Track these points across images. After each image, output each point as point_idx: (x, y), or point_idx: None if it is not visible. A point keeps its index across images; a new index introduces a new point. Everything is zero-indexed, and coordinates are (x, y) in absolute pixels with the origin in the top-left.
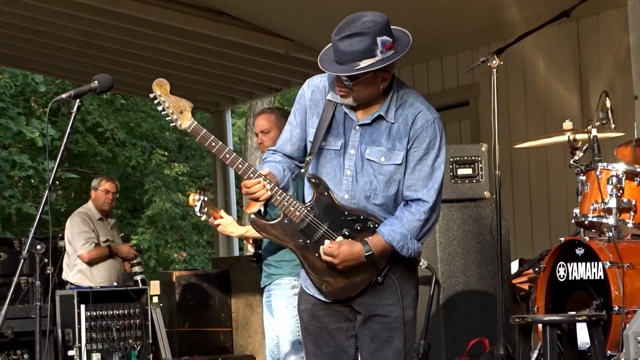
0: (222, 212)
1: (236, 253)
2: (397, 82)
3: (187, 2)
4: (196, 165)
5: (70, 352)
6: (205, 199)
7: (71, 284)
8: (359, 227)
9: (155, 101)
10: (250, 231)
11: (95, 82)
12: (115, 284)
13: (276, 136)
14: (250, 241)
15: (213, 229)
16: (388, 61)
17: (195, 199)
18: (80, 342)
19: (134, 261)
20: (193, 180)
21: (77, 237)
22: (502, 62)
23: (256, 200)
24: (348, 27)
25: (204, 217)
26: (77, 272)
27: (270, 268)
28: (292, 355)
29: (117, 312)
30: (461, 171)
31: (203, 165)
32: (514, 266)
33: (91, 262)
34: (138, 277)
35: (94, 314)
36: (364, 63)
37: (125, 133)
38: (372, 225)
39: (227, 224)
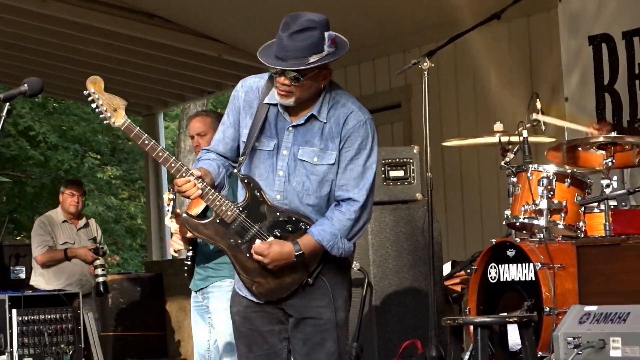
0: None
1: (169, 256)
2: (330, 83)
3: (117, 4)
4: (129, 169)
5: (2, 357)
6: (175, 198)
7: (32, 286)
8: (290, 228)
9: (90, 98)
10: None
11: (25, 85)
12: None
13: (212, 139)
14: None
15: (146, 233)
16: (337, 55)
17: (170, 198)
18: (11, 347)
19: (96, 263)
20: (126, 184)
21: (33, 240)
22: (433, 65)
23: (187, 198)
24: (294, 24)
25: (167, 219)
26: (38, 275)
27: (207, 270)
28: (227, 358)
29: (49, 317)
30: (393, 173)
31: (136, 168)
32: (446, 268)
33: (45, 265)
34: (100, 279)
35: (26, 318)
36: (313, 58)
37: (57, 136)
38: (303, 227)
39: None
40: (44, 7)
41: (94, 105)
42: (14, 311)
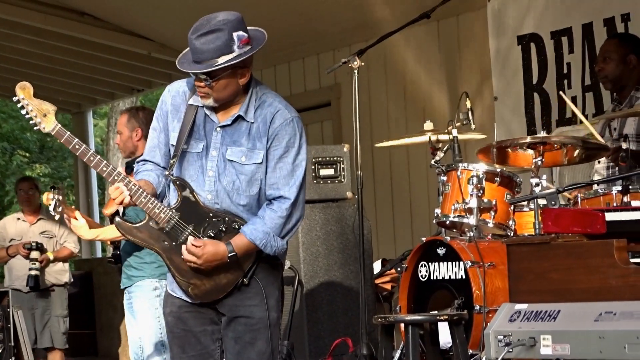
0: (77, 214)
1: (99, 255)
2: (256, 83)
3: (46, 2)
4: (58, 167)
5: None
6: (60, 197)
7: None
8: (223, 229)
9: (19, 105)
10: (101, 235)
11: None
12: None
13: (125, 138)
14: (108, 242)
15: None
16: (245, 55)
17: (49, 198)
18: None
19: (30, 257)
20: (55, 182)
21: None
22: (363, 63)
23: (120, 204)
24: (203, 27)
25: (57, 217)
26: (5, 273)
27: (130, 270)
28: (155, 357)
29: None
30: (323, 172)
31: (65, 166)
32: (377, 266)
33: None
34: (31, 273)
35: None
36: (222, 59)
37: None
38: (236, 227)
39: (79, 226)
40: None
41: (23, 112)
42: None
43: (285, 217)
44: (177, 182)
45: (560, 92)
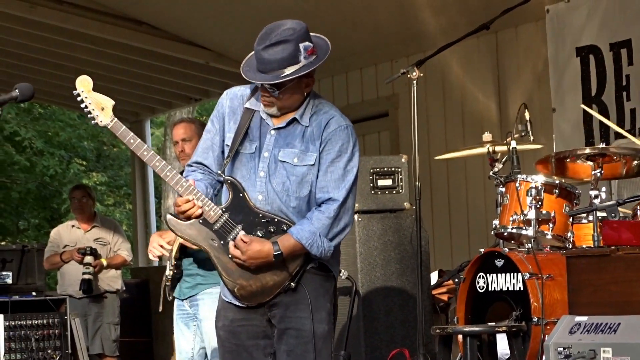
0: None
1: (155, 263)
2: (313, 94)
3: (105, 11)
4: (115, 175)
5: None
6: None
7: (21, 291)
8: (272, 229)
9: (79, 98)
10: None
11: (17, 90)
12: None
13: (197, 144)
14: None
15: (132, 239)
16: (312, 66)
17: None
18: None
19: (84, 261)
20: (111, 190)
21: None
22: (422, 74)
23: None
24: (269, 36)
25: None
26: (58, 280)
27: (195, 278)
28: None
29: (36, 322)
30: (381, 182)
31: (121, 174)
32: (434, 277)
33: (51, 269)
34: (84, 277)
35: (13, 323)
36: (288, 70)
37: (43, 142)
38: (285, 228)
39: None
40: (32, 12)
41: (83, 106)
42: (1, 316)
43: (332, 218)
44: (229, 182)
45: (582, 105)
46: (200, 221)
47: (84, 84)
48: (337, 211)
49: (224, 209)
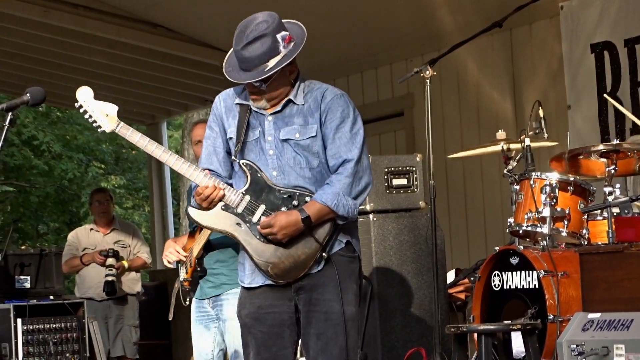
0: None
1: (174, 265)
2: (301, 75)
3: (121, 14)
4: (133, 178)
5: None
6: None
7: (38, 295)
8: (295, 203)
9: (81, 109)
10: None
11: (28, 94)
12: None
13: None
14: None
15: (151, 242)
16: (293, 54)
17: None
18: (17, 356)
19: (107, 264)
20: (130, 193)
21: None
22: (435, 73)
23: (208, 207)
24: (245, 34)
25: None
26: (77, 283)
27: (219, 278)
28: None
29: (54, 326)
30: (396, 181)
31: (140, 177)
32: (450, 276)
33: (71, 272)
34: (107, 279)
35: (31, 327)
36: (271, 63)
37: (61, 146)
38: (308, 199)
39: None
40: (47, 16)
41: (86, 116)
42: (19, 320)
43: (352, 176)
44: (245, 164)
45: (605, 95)
46: (222, 207)
47: (84, 95)
48: (355, 169)
49: (244, 192)
